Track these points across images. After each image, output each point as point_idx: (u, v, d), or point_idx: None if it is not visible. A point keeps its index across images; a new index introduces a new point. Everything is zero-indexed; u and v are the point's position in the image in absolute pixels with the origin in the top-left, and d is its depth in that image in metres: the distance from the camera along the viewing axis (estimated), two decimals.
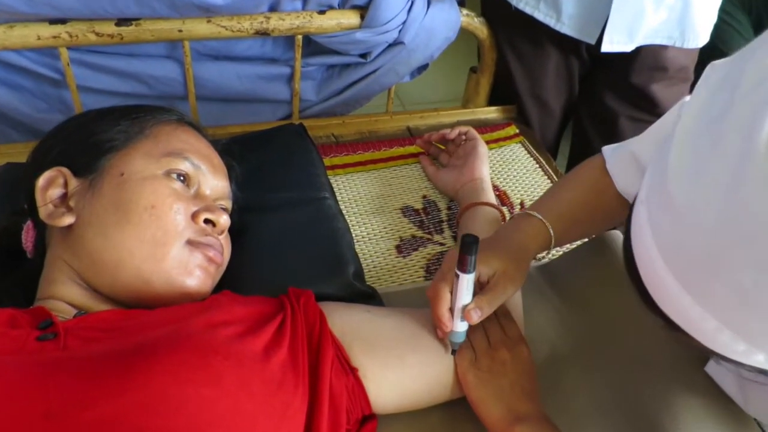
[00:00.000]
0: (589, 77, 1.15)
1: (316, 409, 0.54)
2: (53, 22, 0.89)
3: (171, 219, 0.59)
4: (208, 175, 0.65)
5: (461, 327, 0.61)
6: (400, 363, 0.62)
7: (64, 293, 0.58)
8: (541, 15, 1.02)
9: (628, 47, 1.00)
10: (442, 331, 0.62)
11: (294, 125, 0.96)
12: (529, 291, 0.75)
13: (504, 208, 0.89)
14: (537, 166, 1.05)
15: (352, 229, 0.85)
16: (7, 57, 0.93)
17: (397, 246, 0.88)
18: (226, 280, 0.66)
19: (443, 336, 0.63)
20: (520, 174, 1.03)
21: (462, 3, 1.12)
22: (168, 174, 0.61)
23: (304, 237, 0.78)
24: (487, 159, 0.93)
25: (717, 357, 0.39)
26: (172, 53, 1.00)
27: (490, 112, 1.18)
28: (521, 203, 0.97)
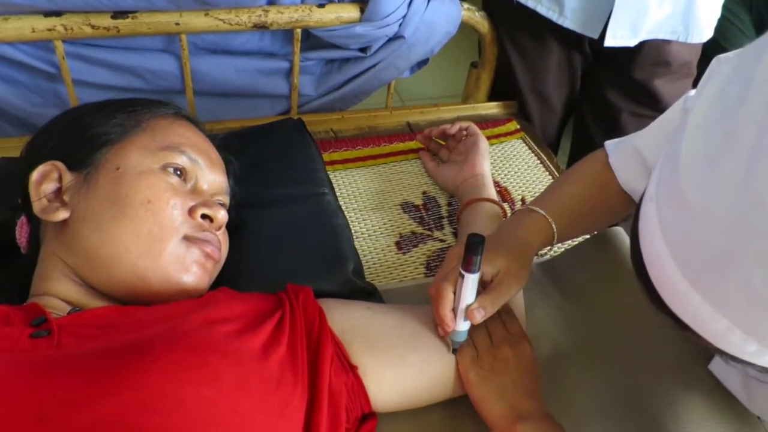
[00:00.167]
0: (591, 72, 1.14)
1: (315, 407, 0.53)
2: (48, 14, 0.87)
3: (168, 214, 0.58)
4: (205, 169, 0.64)
5: (464, 326, 0.60)
6: (400, 361, 0.61)
7: (59, 289, 0.57)
8: (544, 9, 1.01)
9: (632, 42, 0.99)
10: (443, 330, 0.61)
11: (293, 120, 0.95)
12: (530, 288, 0.75)
13: (505, 205, 0.88)
14: (538, 162, 1.04)
15: (351, 225, 0.84)
16: (2, 50, 0.92)
17: (397, 242, 0.87)
18: (224, 277, 0.65)
19: (444, 335, 0.62)
20: (521, 170, 1.02)
21: None
22: (165, 168, 0.60)
23: (303, 233, 0.77)
24: (488, 155, 0.92)
25: (726, 357, 0.39)
26: (169, 47, 0.99)
27: (491, 108, 1.17)
28: (522, 199, 0.96)
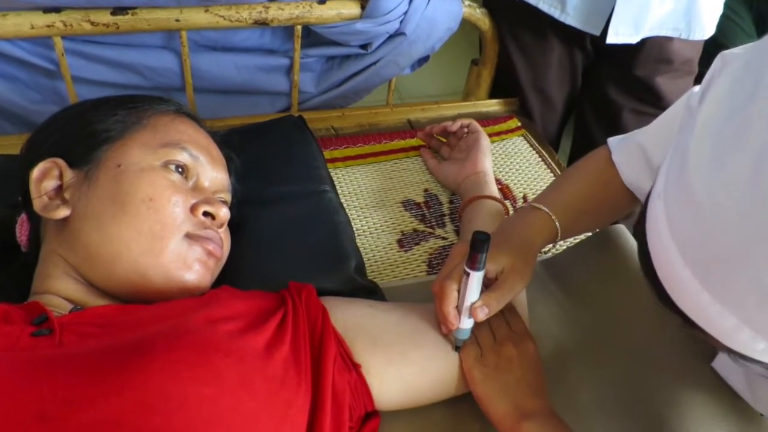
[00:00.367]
0: (592, 70, 1.14)
1: (318, 406, 0.53)
2: (47, 10, 0.87)
3: (169, 212, 0.57)
4: (206, 166, 0.63)
5: (467, 324, 0.60)
6: (403, 359, 0.61)
7: (60, 288, 0.57)
8: (545, 6, 1.01)
9: (634, 39, 0.99)
10: (447, 328, 0.61)
11: (294, 117, 0.95)
12: (532, 286, 0.74)
13: (507, 202, 0.88)
14: (539, 159, 1.04)
15: (352, 222, 0.84)
16: (0, 47, 0.91)
17: (399, 240, 0.87)
18: (225, 275, 0.65)
19: (447, 332, 0.62)
20: (522, 167, 1.02)
21: None
22: (166, 165, 0.60)
23: (305, 231, 0.77)
24: (490, 152, 0.92)
25: (734, 355, 0.38)
26: (169, 43, 0.98)
27: (492, 105, 1.17)
28: (524, 197, 0.96)
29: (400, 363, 0.61)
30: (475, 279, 0.57)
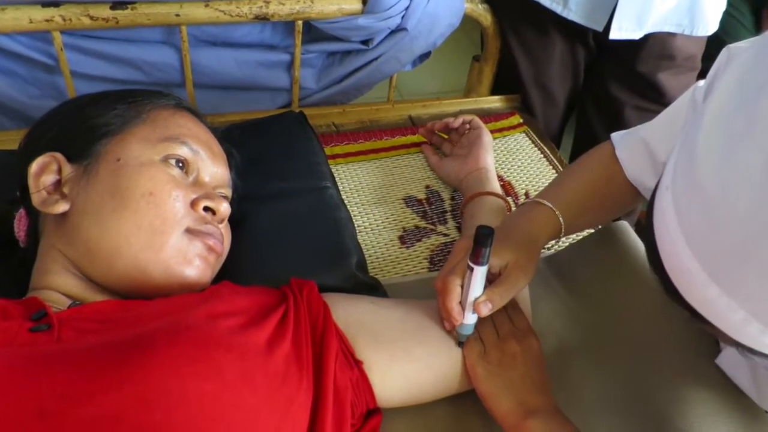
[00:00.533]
0: (594, 66, 1.13)
1: (320, 403, 0.52)
2: (46, 4, 0.86)
3: (170, 206, 0.57)
4: (207, 161, 0.63)
5: (471, 320, 0.60)
6: (405, 356, 0.60)
7: (59, 283, 0.56)
8: (548, 1, 1.01)
9: (637, 34, 0.99)
10: (450, 324, 0.61)
11: (294, 113, 0.94)
12: (535, 283, 0.74)
13: (509, 198, 0.88)
14: (541, 155, 1.03)
15: (353, 219, 0.83)
16: None
17: (400, 236, 0.86)
18: (225, 271, 0.65)
19: (451, 328, 0.61)
20: (524, 164, 1.01)
21: None
22: (166, 160, 0.59)
23: (306, 227, 0.76)
24: (492, 148, 0.92)
25: (742, 349, 0.38)
26: (169, 38, 0.97)
27: (493, 102, 1.16)
28: (526, 193, 0.95)
29: (403, 359, 0.60)
30: (479, 274, 0.57)
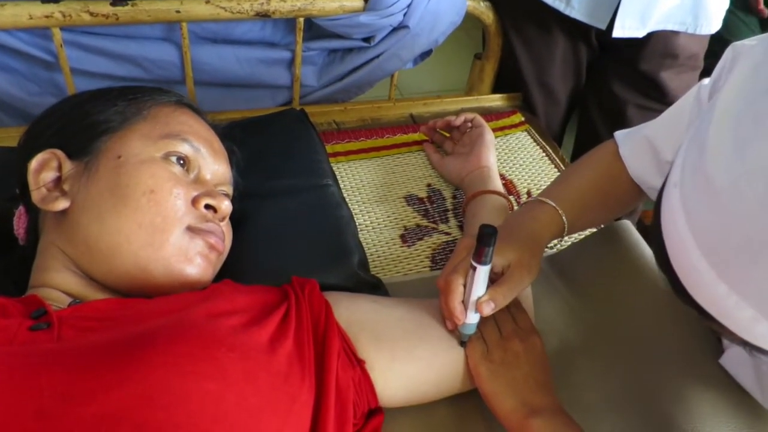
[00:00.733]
0: (597, 64, 1.13)
1: (322, 402, 0.52)
2: (45, 0, 0.85)
3: (171, 204, 0.56)
4: (208, 158, 0.62)
5: (473, 319, 0.59)
6: (408, 355, 0.60)
7: (58, 281, 0.56)
8: None
9: (641, 33, 0.98)
10: (452, 324, 0.60)
11: (295, 110, 0.94)
12: (537, 282, 0.73)
13: (510, 197, 0.87)
14: (543, 154, 1.03)
15: (355, 217, 0.83)
16: None
17: (402, 235, 0.86)
18: (226, 269, 0.64)
19: (453, 328, 0.61)
20: (526, 163, 1.01)
21: None
22: (167, 157, 0.59)
23: (307, 225, 0.76)
24: (494, 147, 0.91)
25: (750, 348, 0.37)
26: (170, 35, 0.97)
27: (495, 100, 1.16)
28: (528, 192, 0.95)
29: (405, 359, 0.60)
30: (482, 273, 0.56)
